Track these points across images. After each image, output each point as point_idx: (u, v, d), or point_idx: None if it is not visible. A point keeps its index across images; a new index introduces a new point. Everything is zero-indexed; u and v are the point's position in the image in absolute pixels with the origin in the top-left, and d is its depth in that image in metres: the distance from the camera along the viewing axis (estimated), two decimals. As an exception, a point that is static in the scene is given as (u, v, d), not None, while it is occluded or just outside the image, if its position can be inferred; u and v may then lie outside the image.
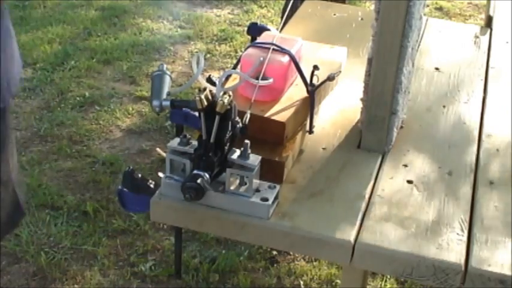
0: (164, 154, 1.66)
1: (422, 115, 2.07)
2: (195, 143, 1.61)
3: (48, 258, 2.82)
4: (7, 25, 1.83)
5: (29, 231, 2.94)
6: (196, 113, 1.61)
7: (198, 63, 1.67)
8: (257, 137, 1.66)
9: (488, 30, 2.65)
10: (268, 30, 2.05)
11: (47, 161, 3.37)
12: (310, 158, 1.82)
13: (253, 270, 2.84)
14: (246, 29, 2.26)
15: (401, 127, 1.97)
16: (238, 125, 1.60)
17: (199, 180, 1.53)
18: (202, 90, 1.54)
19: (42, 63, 4.22)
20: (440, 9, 5.34)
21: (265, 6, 5.17)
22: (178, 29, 4.76)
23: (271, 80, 1.74)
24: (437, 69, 2.34)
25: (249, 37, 2.17)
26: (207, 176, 1.54)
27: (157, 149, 1.88)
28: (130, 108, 3.82)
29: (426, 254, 1.53)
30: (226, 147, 1.58)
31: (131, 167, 2.11)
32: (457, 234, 1.60)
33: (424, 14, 2.01)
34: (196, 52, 4.44)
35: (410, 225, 1.62)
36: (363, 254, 1.55)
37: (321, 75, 1.81)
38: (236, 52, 4.45)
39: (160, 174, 1.67)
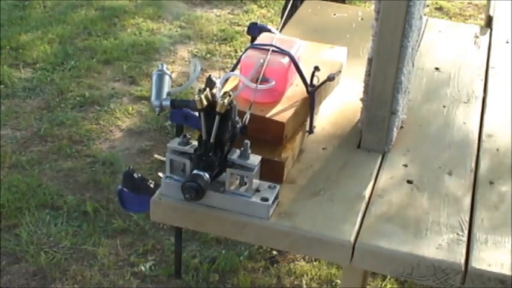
0: (162, 158, 1.66)
1: (422, 115, 2.07)
2: (195, 143, 1.61)
3: (48, 258, 2.82)
4: None
5: (29, 231, 2.94)
6: (196, 113, 1.62)
7: (194, 69, 1.67)
8: (257, 137, 1.66)
9: (488, 30, 2.65)
10: (269, 30, 2.05)
11: (47, 161, 3.37)
12: (310, 158, 1.82)
13: (253, 270, 2.84)
14: (246, 29, 2.26)
15: (401, 127, 1.97)
16: (238, 125, 1.60)
17: (199, 181, 1.53)
18: (202, 90, 1.55)
19: (42, 63, 4.22)
20: (440, 9, 5.33)
21: (265, 6, 5.17)
22: (178, 29, 4.76)
23: (273, 83, 1.74)
24: (437, 69, 2.34)
25: (249, 37, 2.18)
26: (207, 176, 1.54)
27: (155, 155, 1.88)
28: (130, 108, 3.82)
29: (426, 254, 1.53)
30: (226, 147, 1.58)
31: (131, 167, 2.11)
32: (457, 234, 1.60)
33: (424, 14, 2.01)
34: (196, 54, 4.44)
35: (410, 225, 1.62)
36: (363, 254, 1.55)
37: (321, 75, 1.81)
38: (236, 52, 4.45)
39: (160, 174, 1.66)
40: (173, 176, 1.63)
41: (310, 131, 1.85)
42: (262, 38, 1.89)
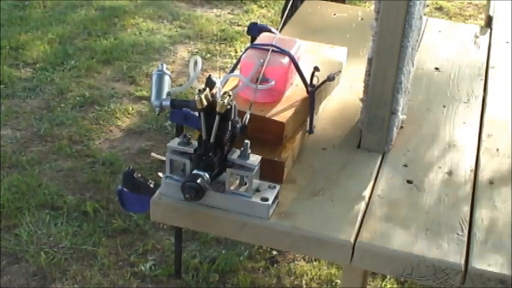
0: (159, 157, 1.66)
1: (422, 115, 2.07)
2: (195, 143, 1.61)
3: (48, 258, 2.82)
4: None
5: (29, 231, 2.94)
6: (196, 113, 1.62)
7: (195, 66, 1.67)
8: (257, 137, 1.66)
9: (488, 30, 2.65)
10: (269, 30, 2.05)
11: (47, 161, 3.37)
12: (310, 158, 1.82)
13: (253, 270, 2.84)
14: (246, 29, 2.26)
15: (401, 127, 1.97)
16: (238, 125, 1.60)
17: (199, 180, 1.53)
18: (202, 90, 1.55)
19: (42, 63, 4.22)
20: (440, 9, 5.33)
21: (265, 6, 5.17)
22: (178, 29, 4.76)
23: (273, 83, 1.74)
24: (437, 69, 2.34)
25: (249, 37, 2.18)
26: (207, 176, 1.54)
27: (152, 154, 1.88)
28: (130, 108, 3.82)
29: (426, 254, 1.53)
30: (226, 147, 1.58)
31: (131, 167, 2.11)
32: (457, 234, 1.60)
33: (424, 14, 2.01)
34: (196, 54, 4.44)
35: (410, 225, 1.62)
36: (363, 254, 1.55)
37: (321, 76, 1.81)
38: (236, 52, 4.45)
39: (160, 174, 1.67)
40: (173, 176, 1.63)
41: (310, 131, 1.85)
42: (262, 38, 1.89)
